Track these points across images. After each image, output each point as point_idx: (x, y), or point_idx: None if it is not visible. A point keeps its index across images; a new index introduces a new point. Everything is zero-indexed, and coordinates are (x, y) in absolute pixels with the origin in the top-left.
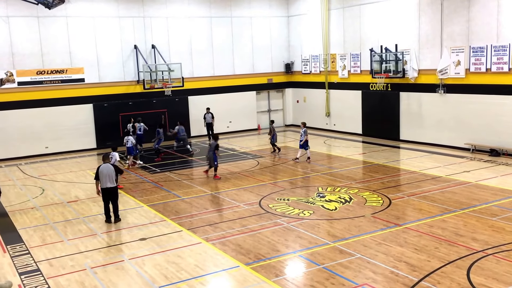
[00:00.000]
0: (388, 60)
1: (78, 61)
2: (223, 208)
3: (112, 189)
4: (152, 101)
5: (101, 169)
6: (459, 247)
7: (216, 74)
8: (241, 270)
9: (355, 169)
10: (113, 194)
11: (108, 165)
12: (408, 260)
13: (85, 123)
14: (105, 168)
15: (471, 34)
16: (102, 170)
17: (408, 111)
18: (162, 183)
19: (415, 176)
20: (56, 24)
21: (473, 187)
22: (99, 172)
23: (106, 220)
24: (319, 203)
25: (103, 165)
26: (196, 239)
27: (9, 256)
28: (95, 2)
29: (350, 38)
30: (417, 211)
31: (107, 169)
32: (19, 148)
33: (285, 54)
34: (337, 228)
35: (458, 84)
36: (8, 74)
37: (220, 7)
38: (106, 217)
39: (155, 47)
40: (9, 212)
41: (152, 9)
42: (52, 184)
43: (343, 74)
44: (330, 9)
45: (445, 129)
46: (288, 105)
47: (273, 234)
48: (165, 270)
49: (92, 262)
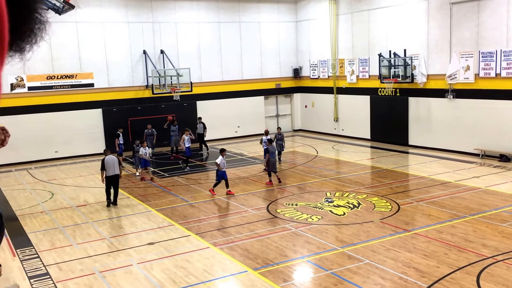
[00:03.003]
0: (397, 65)
1: (88, 66)
2: (231, 213)
3: (116, 177)
4: (161, 106)
5: (106, 160)
6: (468, 253)
7: (224, 79)
8: (249, 275)
9: (363, 174)
10: (116, 181)
11: (112, 156)
12: (417, 266)
13: (94, 128)
14: (110, 158)
15: (481, 39)
16: (108, 160)
17: (417, 116)
18: (170, 188)
19: (424, 182)
20: (66, 29)
21: (482, 192)
22: (105, 162)
23: (107, 205)
24: (328, 208)
25: (107, 156)
26: (204, 243)
27: (19, 260)
28: (105, 8)
29: (359, 43)
30: (426, 217)
31: (112, 160)
32: (29, 152)
33: (294, 59)
34: (346, 234)
35: (468, 89)
36: (19, 79)
37: (229, 12)
38: (107, 201)
39: (164, 52)
40: (18, 216)
41: (161, 15)
42: (61, 188)
43: (351, 79)
44: (339, 14)
45: (454, 134)
46: (296, 110)
47: (281, 239)
48: (173, 274)
49: (101, 266)
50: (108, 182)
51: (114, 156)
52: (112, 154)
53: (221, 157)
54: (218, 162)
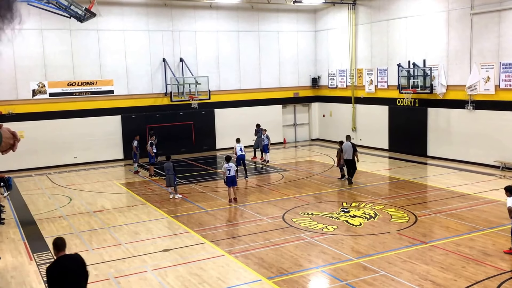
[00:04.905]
0: (416, 75)
1: (108, 74)
2: (247, 221)
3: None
4: (179, 114)
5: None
6: (487, 267)
7: (242, 88)
8: (263, 284)
9: (381, 184)
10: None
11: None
12: (434, 279)
13: (113, 134)
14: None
15: (501, 50)
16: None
17: (436, 127)
18: (186, 195)
19: (442, 193)
20: (87, 37)
21: (502, 205)
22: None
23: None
24: (344, 218)
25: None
26: (219, 251)
27: (35, 264)
28: (126, 16)
29: (378, 53)
30: (444, 229)
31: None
32: (48, 157)
33: (312, 68)
34: (362, 244)
35: (488, 100)
36: (40, 85)
37: (248, 21)
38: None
39: (183, 60)
40: (37, 221)
41: (181, 23)
42: (79, 193)
43: (369, 89)
44: (358, 24)
45: (474, 146)
46: (314, 119)
47: (296, 249)
48: (188, 282)
49: (116, 272)
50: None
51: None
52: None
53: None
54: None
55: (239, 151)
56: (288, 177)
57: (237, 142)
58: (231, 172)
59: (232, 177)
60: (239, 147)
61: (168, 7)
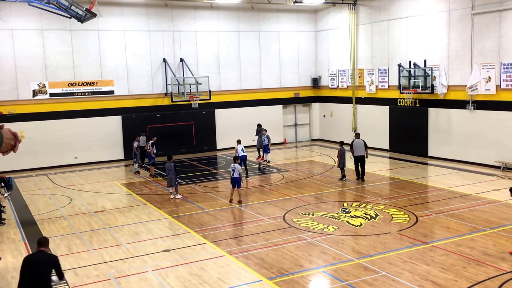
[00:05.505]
0: (417, 75)
1: (108, 74)
2: (247, 221)
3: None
4: (180, 114)
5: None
6: (487, 267)
7: (243, 88)
8: (264, 284)
9: (381, 185)
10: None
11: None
12: (435, 280)
13: (113, 135)
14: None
15: (502, 50)
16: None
17: (437, 127)
18: (187, 195)
19: (443, 194)
20: (88, 37)
21: (503, 206)
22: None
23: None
24: (344, 218)
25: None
26: (219, 252)
27: None
28: (126, 16)
29: (378, 53)
30: (444, 229)
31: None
32: (49, 158)
33: (312, 69)
34: (362, 245)
35: (489, 100)
36: (41, 85)
37: (248, 21)
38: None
39: (183, 61)
40: (37, 221)
41: (181, 24)
42: (80, 194)
43: (370, 89)
44: (358, 24)
45: (474, 146)
46: (315, 120)
47: (296, 249)
48: (188, 282)
49: (116, 272)
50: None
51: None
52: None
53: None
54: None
55: (241, 151)
56: (288, 178)
57: (238, 143)
58: (234, 173)
59: (235, 178)
60: (240, 148)
61: (168, 7)
